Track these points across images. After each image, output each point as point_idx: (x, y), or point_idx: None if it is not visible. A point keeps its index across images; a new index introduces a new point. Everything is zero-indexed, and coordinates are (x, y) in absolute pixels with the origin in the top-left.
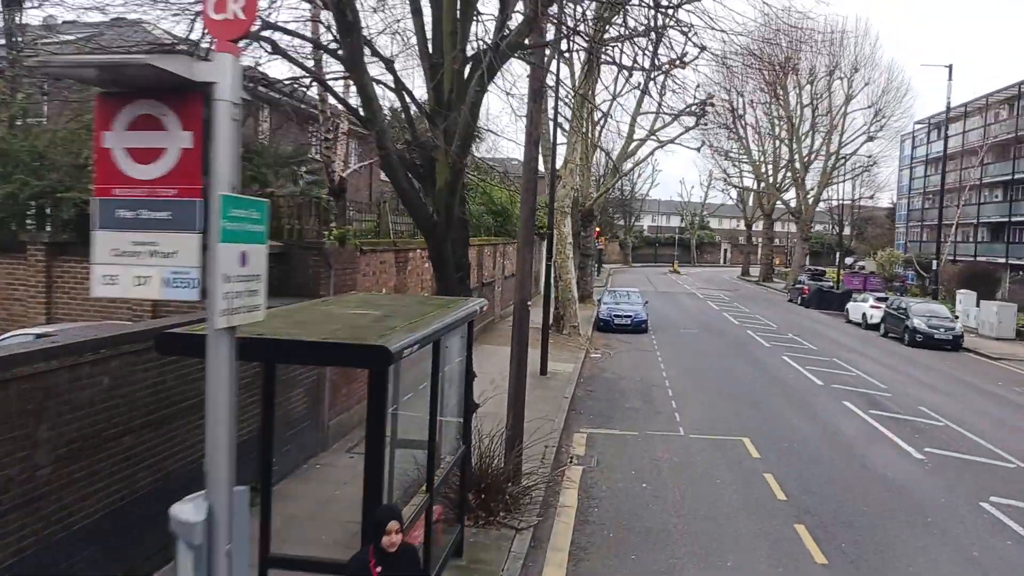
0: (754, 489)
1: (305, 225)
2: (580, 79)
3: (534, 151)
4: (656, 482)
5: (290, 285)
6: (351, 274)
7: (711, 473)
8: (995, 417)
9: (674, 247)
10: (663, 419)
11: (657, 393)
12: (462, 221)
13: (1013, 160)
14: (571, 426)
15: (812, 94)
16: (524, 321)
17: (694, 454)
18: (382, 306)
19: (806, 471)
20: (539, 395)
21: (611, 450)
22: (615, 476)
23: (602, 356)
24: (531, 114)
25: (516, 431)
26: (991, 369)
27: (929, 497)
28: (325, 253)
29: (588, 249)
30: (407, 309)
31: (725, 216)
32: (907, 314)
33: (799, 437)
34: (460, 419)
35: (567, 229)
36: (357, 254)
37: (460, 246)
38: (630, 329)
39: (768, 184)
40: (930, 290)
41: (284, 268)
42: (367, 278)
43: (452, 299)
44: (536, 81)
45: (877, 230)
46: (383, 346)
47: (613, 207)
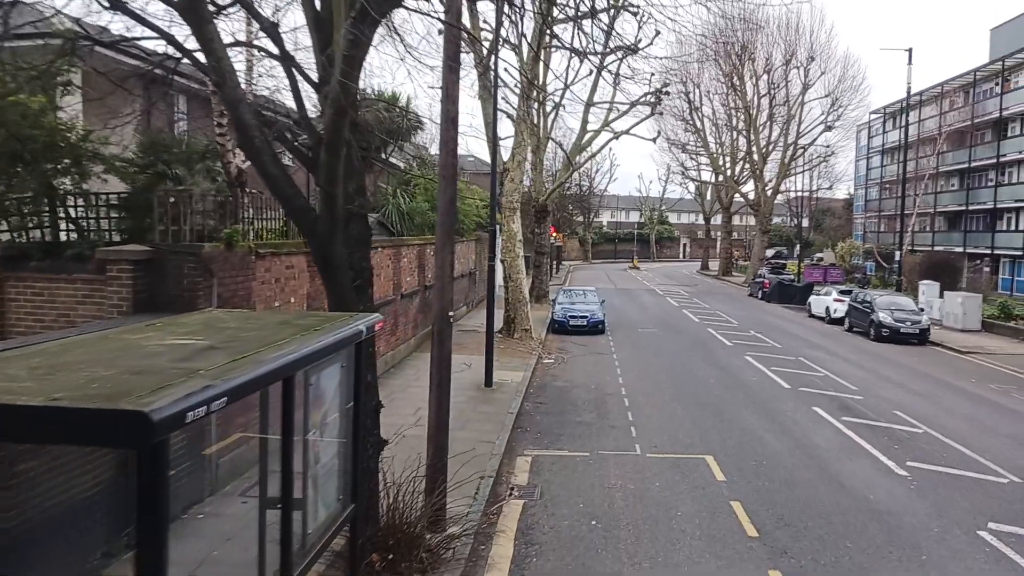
0: (720, 523)
1: (194, 225)
2: (527, 64)
3: (452, 131)
4: (608, 518)
5: (160, 299)
6: (244, 282)
7: (671, 503)
8: (975, 420)
9: (633, 243)
10: (618, 435)
11: (612, 403)
12: (360, 217)
13: (970, 148)
14: (514, 448)
15: (769, 83)
16: (445, 337)
17: (652, 478)
18: (225, 330)
19: (778, 497)
20: (481, 411)
21: (558, 477)
22: (561, 511)
23: (555, 361)
24: (447, 87)
25: (438, 467)
26: (961, 364)
27: (920, 526)
28: (203, 259)
29: (543, 247)
30: (257, 334)
31: (684, 210)
32: (872, 307)
33: (768, 453)
34: (348, 466)
35: (516, 226)
36: (252, 258)
37: (359, 247)
38: (586, 330)
39: (726, 177)
40: (892, 281)
41: (154, 278)
42: (268, 287)
43: (332, 317)
44: (451, 46)
45: (835, 221)
46: (139, 412)
47: (572, 203)
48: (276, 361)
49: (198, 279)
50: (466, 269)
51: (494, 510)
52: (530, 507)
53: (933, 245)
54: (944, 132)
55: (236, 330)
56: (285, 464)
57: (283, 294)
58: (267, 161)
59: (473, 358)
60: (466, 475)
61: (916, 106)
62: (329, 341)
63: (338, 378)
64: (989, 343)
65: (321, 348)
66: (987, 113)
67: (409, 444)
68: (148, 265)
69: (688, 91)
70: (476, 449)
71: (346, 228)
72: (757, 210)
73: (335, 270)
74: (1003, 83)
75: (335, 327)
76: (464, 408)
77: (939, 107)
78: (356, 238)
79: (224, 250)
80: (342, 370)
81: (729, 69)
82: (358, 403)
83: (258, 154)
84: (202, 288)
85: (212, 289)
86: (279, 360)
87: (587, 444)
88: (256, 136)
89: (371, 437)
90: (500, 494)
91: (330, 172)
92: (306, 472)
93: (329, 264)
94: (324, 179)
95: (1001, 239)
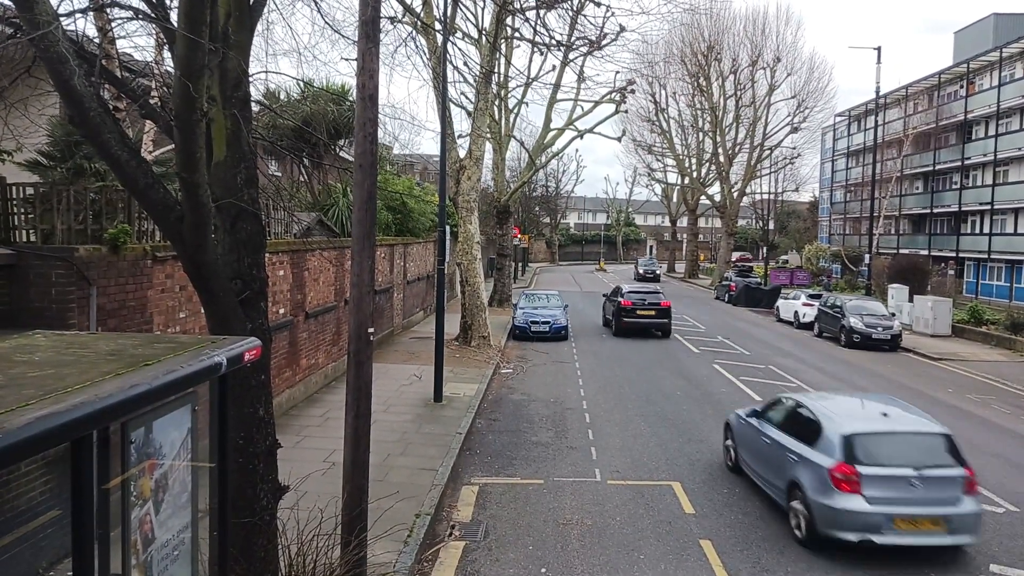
0: (689, 568)
1: (72, 224)
2: (485, 53)
3: (370, 111)
4: (560, 564)
5: (23, 312)
6: (136, 292)
7: (633, 544)
8: (960, 437)
9: (600, 244)
10: (576, 458)
11: (572, 419)
12: (251, 215)
13: (934, 151)
14: (460, 475)
15: (736, 84)
16: (364, 359)
17: (612, 512)
18: (17, 364)
19: (752, 534)
20: (426, 432)
21: (507, 510)
22: (506, 556)
23: (514, 371)
24: (362, 57)
25: (356, 512)
26: (936, 372)
27: (915, 570)
28: (76, 264)
29: (506, 248)
30: (55, 372)
31: (650, 212)
32: (843, 312)
33: (741, 480)
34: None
35: (474, 226)
36: (148, 263)
37: (249, 251)
38: (549, 337)
39: (692, 179)
40: (860, 284)
41: (16, 287)
42: (170, 295)
43: (187, 344)
44: (368, 6)
45: (801, 224)
46: None
47: (538, 205)
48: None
49: (69, 288)
50: (423, 272)
51: (428, 556)
52: (472, 550)
53: (898, 248)
54: (909, 135)
55: (29, 365)
56: (79, 558)
57: (191, 303)
58: (110, 141)
59: (425, 368)
60: (401, 512)
61: (881, 109)
62: (161, 382)
63: (188, 426)
64: (961, 349)
65: (142, 393)
66: (952, 116)
67: (335, 484)
68: (8, 271)
69: (654, 92)
70: (416, 479)
71: (232, 228)
72: (723, 212)
73: (210, 281)
74: (967, 86)
75: (180, 360)
76: (407, 429)
77: (904, 110)
78: (245, 241)
79: (107, 253)
80: (194, 415)
81: (695, 69)
82: (223, 454)
83: (97, 132)
84: (76, 299)
85: (90, 300)
86: (51, 419)
87: (542, 469)
88: (92, 107)
89: (265, 484)
90: (439, 534)
91: (186, 154)
92: (128, 562)
93: (200, 271)
94: (180, 162)
95: (966, 242)
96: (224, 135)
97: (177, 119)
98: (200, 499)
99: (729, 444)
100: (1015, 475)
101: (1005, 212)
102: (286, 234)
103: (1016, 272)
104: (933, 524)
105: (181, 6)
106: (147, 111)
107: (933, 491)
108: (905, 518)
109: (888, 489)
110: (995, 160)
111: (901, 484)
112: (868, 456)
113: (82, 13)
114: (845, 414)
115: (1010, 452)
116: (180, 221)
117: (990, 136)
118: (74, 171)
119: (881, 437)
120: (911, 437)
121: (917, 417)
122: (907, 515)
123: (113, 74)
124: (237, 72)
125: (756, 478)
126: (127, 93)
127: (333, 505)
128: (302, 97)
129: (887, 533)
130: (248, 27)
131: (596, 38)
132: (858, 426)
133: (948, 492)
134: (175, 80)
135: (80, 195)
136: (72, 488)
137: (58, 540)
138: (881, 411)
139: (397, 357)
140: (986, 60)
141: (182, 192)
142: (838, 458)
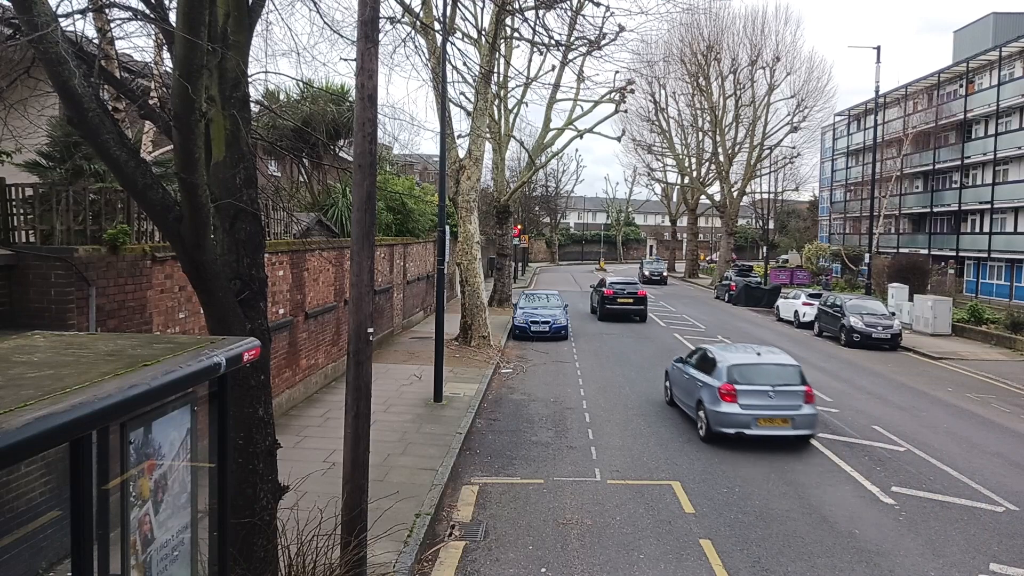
0: (689, 568)
1: (71, 224)
2: (484, 53)
3: (369, 111)
4: (560, 563)
5: (22, 312)
6: (135, 292)
7: (633, 544)
8: (959, 436)
9: (600, 244)
10: (576, 457)
11: (572, 419)
12: (250, 215)
13: (934, 150)
14: (460, 475)
15: (735, 84)
16: (363, 359)
17: (612, 511)
18: (16, 365)
19: (752, 533)
20: (427, 432)
21: (507, 510)
22: (506, 556)
23: (514, 371)
24: (361, 57)
25: (356, 512)
26: (935, 371)
27: (915, 569)
28: (75, 264)
29: (506, 248)
30: (54, 372)
31: (650, 212)
32: (842, 312)
33: (740, 478)
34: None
35: (474, 226)
36: (147, 263)
37: (249, 251)
38: (549, 337)
39: (692, 179)
40: (861, 284)
41: (15, 288)
42: (169, 296)
43: (186, 344)
44: (367, 7)
45: (801, 223)
46: None
47: (538, 204)
48: (42, 422)
49: (68, 289)
50: (423, 272)
51: (428, 556)
52: (472, 550)
53: (898, 247)
54: (909, 134)
55: (28, 366)
56: (79, 559)
57: (190, 304)
58: (109, 141)
59: (425, 368)
60: (401, 512)
61: (881, 108)
62: (160, 382)
63: (187, 426)
64: (961, 348)
65: (141, 393)
66: (951, 115)
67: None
68: (10, 272)
69: (653, 92)
70: (416, 479)
71: (231, 228)
72: (723, 212)
73: (209, 281)
74: (967, 85)
75: (179, 360)
76: (408, 429)
77: (903, 109)
78: (245, 241)
79: (106, 254)
80: (194, 415)
81: (695, 69)
82: (223, 454)
83: (96, 132)
84: (75, 299)
85: (89, 300)
86: (50, 420)
87: (542, 469)
88: (91, 108)
89: (265, 484)
90: (439, 534)
91: (184, 154)
92: (127, 563)
93: (200, 272)
94: (178, 163)
95: (966, 241)
96: (223, 135)
97: (176, 119)
98: (200, 499)
99: (667, 384)
100: (1015, 474)
101: (1005, 211)
102: (286, 234)
103: (1016, 271)
104: (783, 421)
105: (180, 6)
106: (146, 112)
107: (783, 400)
108: (765, 418)
109: (754, 399)
110: (995, 159)
111: (763, 396)
112: (743, 378)
113: (81, 14)
114: (732, 354)
115: (1010, 451)
116: (179, 221)
117: (990, 135)
118: (73, 172)
119: (752, 367)
120: (772, 367)
121: (779, 355)
122: (766, 415)
123: (112, 75)
124: (236, 72)
125: (680, 404)
126: (126, 94)
127: (333, 505)
128: (301, 97)
129: (753, 428)
130: (247, 27)
131: (595, 38)
132: (738, 359)
133: (793, 401)
134: (174, 80)
135: (79, 196)
136: (71, 489)
137: (58, 540)
138: (757, 352)
139: (397, 357)
140: (985, 59)
141: (181, 192)
142: (724, 380)
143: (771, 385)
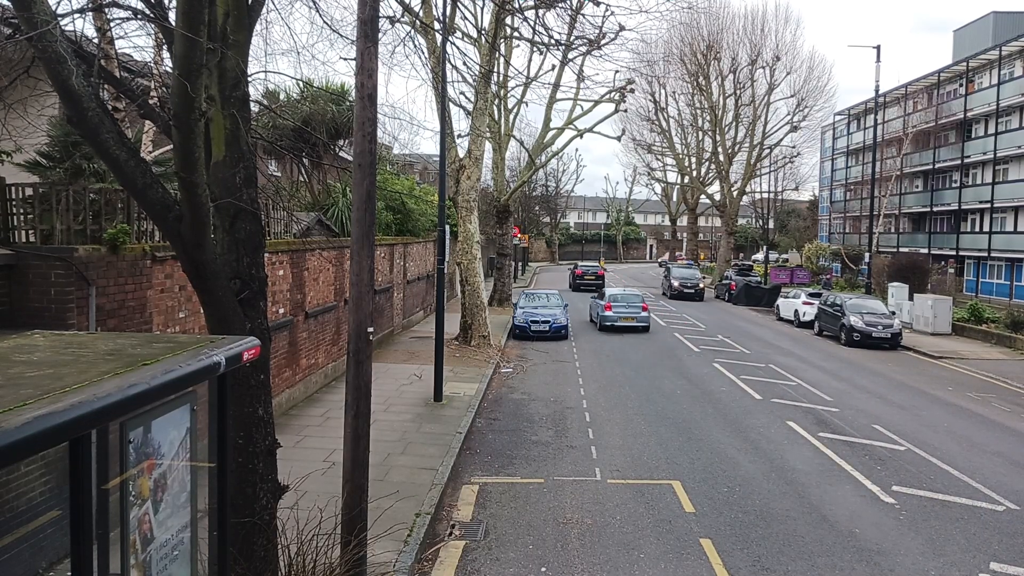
0: (689, 567)
1: (71, 224)
2: (484, 52)
3: (369, 110)
4: (560, 563)
5: (22, 312)
6: (135, 292)
7: (633, 543)
8: (959, 435)
9: (600, 244)
10: (576, 457)
11: (572, 419)
12: (250, 214)
13: (934, 150)
14: (460, 474)
15: (735, 83)
16: (363, 359)
17: (612, 511)
18: (15, 364)
19: (753, 532)
20: (427, 432)
21: (507, 510)
22: (507, 555)
23: (514, 370)
24: (361, 56)
25: (356, 512)
26: (936, 370)
27: (915, 568)
28: (75, 264)
29: (506, 248)
30: (54, 372)
31: (650, 212)
32: (843, 311)
33: (741, 477)
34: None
35: (474, 226)
36: (147, 263)
37: (249, 251)
38: (549, 336)
39: (692, 178)
40: (861, 283)
41: (15, 287)
42: (169, 295)
43: (185, 343)
44: (366, 6)
45: (801, 223)
46: None
47: (538, 204)
48: (42, 421)
49: (68, 288)
50: (423, 271)
51: (429, 555)
52: (472, 549)
53: (898, 247)
54: (909, 133)
55: (28, 365)
56: (78, 558)
57: (190, 303)
58: (108, 141)
59: (425, 368)
60: (401, 511)
61: (881, 107)
62: (159, 382)
63: (187, 425)
64: (962, 347)
65: (141, 392)
66: (951, 114)
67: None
68: (10, 272)
69: (653, 91)
70: (416, 479)
71: (231, 228)
72: (723, 211)
73: (208, 281)
74: (967, 84)
75: (179, 359)
76: (408, 428)
77: (903, 108)
78: (244, 240)
79: (106, 253)
80: (193, 415)
81: (695, 68)
82: (223, 454)
83: (95, 132)
84: (75, 299)
85: (88, 300)
86: (49, 419)
87: (542, 469)
88: (91, 107)
89: (264, 484)
90: (439, 534)
91: (184, 153)
92: (127, 562)
93: (199, 271)
94: (178, 162)
95: (966, 240)
96: (223, 135)
97: (176, 119)
98: (199, 499)
99: (588, 307)
100: (1015, 473)
101: (1005, 210)
102: (286, 234)
103: (1016, 270)
104: (632, 319)
105: (179, 6)
106: (146, 111)
107: (632, 310)
108: (623, 317)
109: (620, 310)
110: (995, 158)
111: (623, 307)
112: (614, 300)
113: (80, 13)
114: (610, 290)
115: (1010, 450)
116: (179, 221)
117: (990, 134)
118: (73, 171)
119: (620, 294)
120: (629, 295)
121: (635, 291)
122: (624, 316)
123: (112, 74)
124: (236, 72)
125: (593, 318)
126: (126, 93)
127: (333, 505)
128: (301, 97)
129: (619, 323)
130: (246, 27)
131: (595, 37)
132: (614, 292)
133: (637, 310)
134: (173, 80)
135: (79, 195)
136: (71, 488)
137: (58, 540)
138: (626, 287)
139: (397, 356)
140: (985, 58)
141: (181, 192)
142: (607, 301)
143: (627, 303)
